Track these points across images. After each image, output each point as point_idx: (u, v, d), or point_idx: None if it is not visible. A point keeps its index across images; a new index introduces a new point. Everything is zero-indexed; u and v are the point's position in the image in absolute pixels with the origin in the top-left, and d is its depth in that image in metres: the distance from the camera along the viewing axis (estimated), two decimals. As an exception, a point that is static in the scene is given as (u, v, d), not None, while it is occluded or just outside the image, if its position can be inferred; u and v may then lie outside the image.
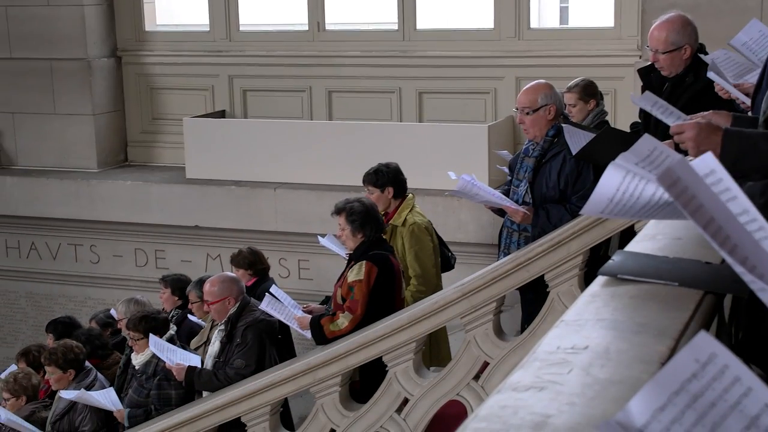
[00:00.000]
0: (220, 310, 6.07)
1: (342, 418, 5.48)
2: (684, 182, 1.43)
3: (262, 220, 9.40)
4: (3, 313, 10.92)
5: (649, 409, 1.24)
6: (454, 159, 8.32)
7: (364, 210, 5.70)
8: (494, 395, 1.78)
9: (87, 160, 10.49)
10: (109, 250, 10.24)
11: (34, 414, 6.62)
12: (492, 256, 7.35)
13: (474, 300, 5.22)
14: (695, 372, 1.25)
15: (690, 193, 1.43)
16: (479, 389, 5.24)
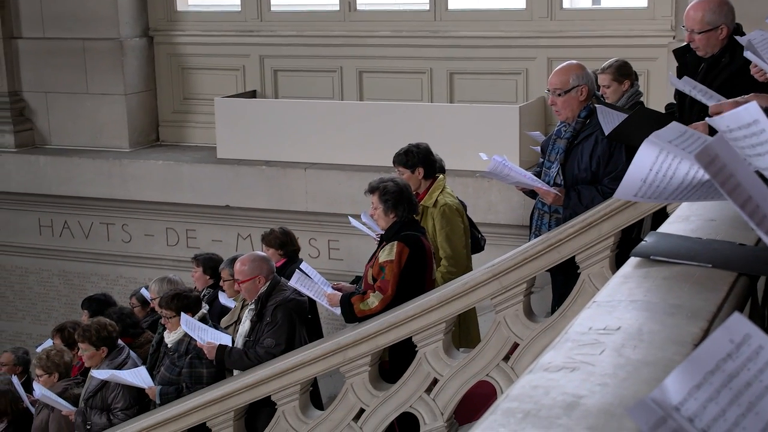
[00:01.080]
0: (251, 289, 6.09)
1: (371, 397, 5.50)
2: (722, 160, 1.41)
3: (292, 200, 9.42)
4: (37, 291, 11.03)
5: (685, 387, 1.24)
6: (485, 140, 8.30)
7: (397, 190, 5.68)
8: (526, 375, 1.78)
9: (119, 140, 10.56)
10: (141, 229, 10.31)
11: (67, 391, 6.69)
12: (522, 238, 7.33)
13: (504, 281, 5.21)
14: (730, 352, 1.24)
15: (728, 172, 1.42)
16: (509, 370, 5.23)
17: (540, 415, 1.60)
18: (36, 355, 7.15)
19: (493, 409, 1.66)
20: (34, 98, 10.90)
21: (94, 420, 6.33)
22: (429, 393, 5.39)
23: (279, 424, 5.71)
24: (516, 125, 8.58)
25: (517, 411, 1.63)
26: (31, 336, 10.80)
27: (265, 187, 9.53)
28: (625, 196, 1.87)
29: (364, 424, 5.52)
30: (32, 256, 10.93)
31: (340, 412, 5.58)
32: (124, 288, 10.00)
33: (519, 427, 1.57)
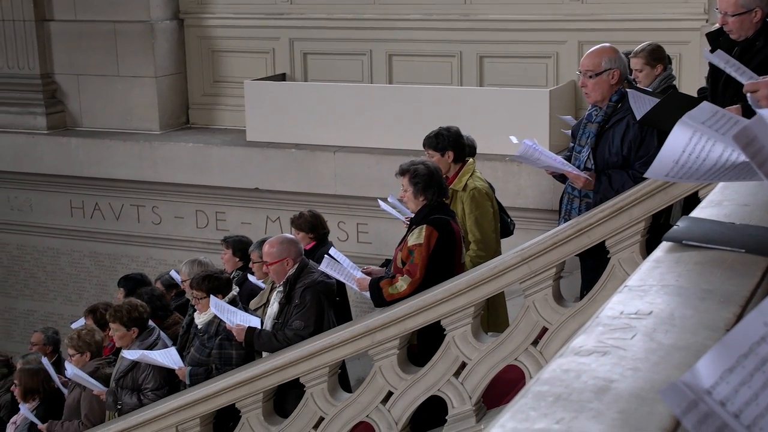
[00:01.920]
0: (279, 271, 6.11)
1: (400, 380, 5.51)
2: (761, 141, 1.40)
3: (321, 183, 9.44)
4: (68, 272, 11.13)
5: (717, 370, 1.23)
6: (515, 123, 8.26)
7: (428, 173, 5.67)
8: (556, 359, 1.78)
9: (149, 122, 10.61)
10: (171, 211, 10.37)
11: (98, 370, 6.75)
12: (551, 222, 7.30)
13: (534, 265, 5.20)
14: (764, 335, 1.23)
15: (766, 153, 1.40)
16: (538, 354, 5.23)
17: (571, 398, 1.60)
18: (67, 335, 7.21)
19: (523, 392, 1.65)
20: (65, 80, 10.97)
21: (125, 400, 6.39)
22: (457, 376, 5.40)
23: (307, 406, 5.74)
24: (546, 109, 8.54)
25: (548, 394, 1.62)
26: (63, 316, 10.91)
27: (294, 170, 9.55)
28: (657, 176, 1.85)
29: (392, 407, 5.53)
30: (64, 238, 11.03)
31: (369, 395, 5.60)
32: (154, 270, 10.07)
33: (550, 411, 1.56)
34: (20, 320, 11.53)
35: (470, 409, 5.36)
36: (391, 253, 6.23)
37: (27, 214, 11.11)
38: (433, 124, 6.73)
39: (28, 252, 11.30)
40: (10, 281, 11.51)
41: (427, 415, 5.63)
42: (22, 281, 11.44)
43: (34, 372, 7.08)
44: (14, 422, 7.20)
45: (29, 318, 11.42)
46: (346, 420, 5.67)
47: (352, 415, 5.65)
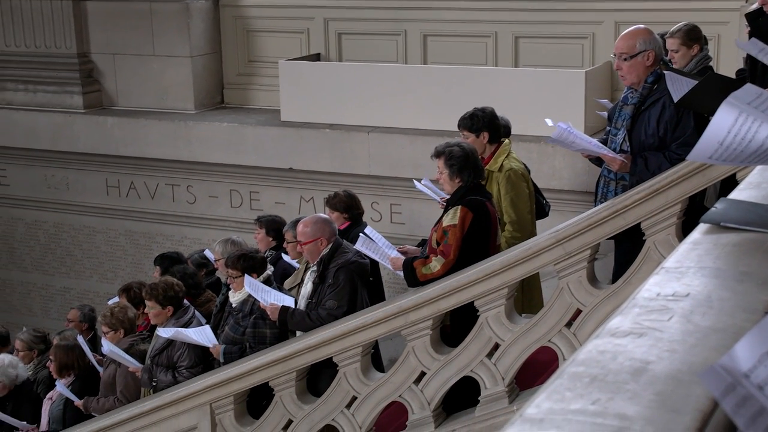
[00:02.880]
0: (313, 250, 6.13)
1: (432, 361, 5.52)
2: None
3: (355, 163, 9.44)
4: (104, 251, 11.23)
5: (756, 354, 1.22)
6: (550, 105, 8.22)
7: (463, 155, 5.65)
8: (592, 340, 1.77)
9: (184, 102, 10.65)
10: (205, 190, 10.42)
11: (132, 347, 6.81)
12: (586, 204, 7.26)
13: (568, 247, 5.18)
14: (804, 319, 1.22)
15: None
16: (571, 336, 5.21)
17: (607, 380, 1.59)
18: (101, 313, 7.28)
19: (559, 373, 1.65)
20: (102, 60, 11.04)
21: (160, 377, 6.45)
22: (490, 357, 5.40)
23: (340, 386, 5.77)
24: (582, 90, 8.48)
25: (584, 375, 1.62)
26: (98, 294, 11.02)
27: (328, 150, 9.56)
28: (700, 158, 1.83)
29: (425, 387, 5.54)
30: (99, 216, 11.12)
31: (401, 375, 5.62)
32: (188, 248, 10.12)
33: (586, 392, 1.56)
34: (57, 297, 11.67)
35: (503, 390, 5.36)
36: (424, 234, 6.24)
37: (63, 193, 11.22)
38: (467, 104, 6.70)
39: (65, 230, 11.42)
40: (47, 259, 11.64)
41: (459, 395, 5.64)
42: (58, 259, 11.56)
43: (69, 348, 7.15)
44: (50, 398, 7.29)
45: (66, 295, 11.54)
46: (378, 399, 5.69)
47: (385, 395, 5.68)
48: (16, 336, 8.14)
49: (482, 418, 5.41)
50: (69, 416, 7.00)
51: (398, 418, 6.08)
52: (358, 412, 5.73)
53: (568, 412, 1.51)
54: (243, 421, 6.12)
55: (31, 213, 11.55)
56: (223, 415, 6.11)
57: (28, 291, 11.89)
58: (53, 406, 7.18)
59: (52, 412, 7.15)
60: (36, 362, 7.92)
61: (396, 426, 6.05)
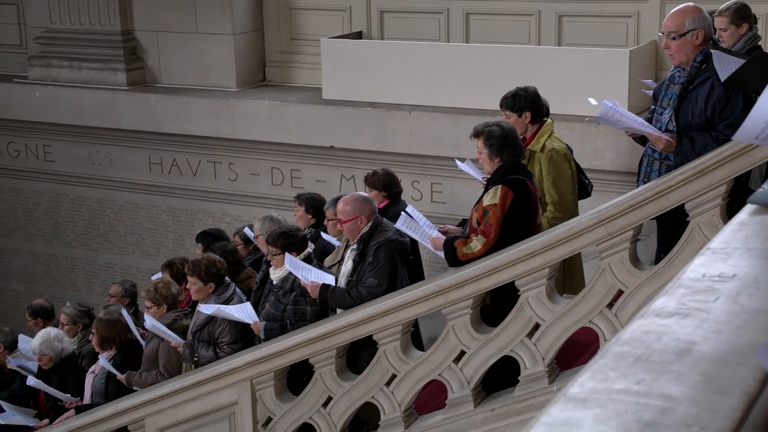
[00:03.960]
0: (353, 229, 6.14)
1: (472, 340, 5.51)
2: None
3: (396, 142, 9.43)
4: (146, 227, 11.33)
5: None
6: (593, 84, 8.15)
7: (502, 134, 5.62)
8: (637, 320, 1.76)
9: (226, 80, 10.69)
10: (247, 168, 10.47)
11: (175, 322, 6.87)
12: (629, 185, 7.20)
13: (611, 227, 5.14)
14: None
15: None
16: (612, 317, 5.18)
17: (651, 360, 1.58)
18: (144, 288, 7.35)
19: (603, 352, 1.64)
20: (145, 37, 11.10)
21: (201, 353, 6.51)
22: (530, 337, 5.39)
23: (380, 363, 5.78)
24: (626, 70, 8.39)
25: (628, 355, 1.61)
26: (141, 270, 11.13)
27: (369, 128, 9.55)
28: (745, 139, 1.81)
29: (465, 366, 5.55)
30: (142, 192, 11.22)
31: (441, 354, 5.62)
32: (229, 225, 10.18)
33: (630, 371, 1.55)
34: (100, 273, 11.80)
35: (543, 370, 5.35)
36: (465, 213, 6.22)
37: (107, 169, 11.32)
38: (509, 84, 6.66)
39: (108, 206, 11.53)
40: (90, 234, 11.77)
41: (499, 375, 5.63)
42: (102, 235, 11.69)
43: (111, 322, 7.23)
44: (93, 371, 7.38)
45: (109, 270, 11.67)
46: (418, 378, 5.70)
47: (425, 373, 5.68)
48: (61, 310, 8.25)
49: (522, 397, 5.41)
50: (111, 389, 7.09)
51: (437, 397, 6.10)
52: (398, 390, 5.74)
53: (612, 392, 1.50)
54: (283, 397, 6.16)
55: (76, 189, 11.68)
56: (263, 390, 6.15)
57: (73, 266, 12.04)
58: (96, 380, 7.27)
59: (95, 385, 7.25)
60: (80, 336, 8.03)
61: (435, 405, 6.07)
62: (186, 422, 6.43)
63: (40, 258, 12.25)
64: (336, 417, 5.95)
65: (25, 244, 12.31)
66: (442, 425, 5.64)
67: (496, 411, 5.47)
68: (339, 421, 5.94)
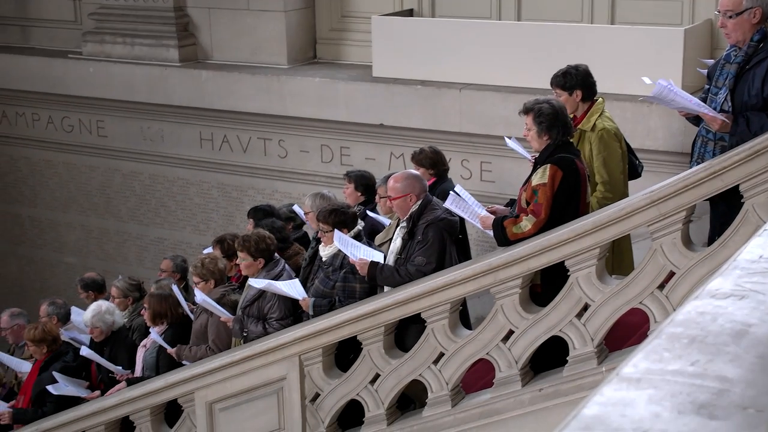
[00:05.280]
0: (402, 206, 6.14)
1: (521, 319, 5.50)
2: None
3: (446, 120, 9.40)
4: (196, 203, 11.43)
5: None
6: (647, 64, 8.05)
7: (552, 112, 5.58)
8: (691, 301, 1.75)
9: (277, 57, 10.71)
10: (297, 145, 10.51)
11: (224, 297, 6.93)
12: (681, 165, 7.13)
13: (663, 208, 5.09)
14: None
15: None
16: (663, 299, 5.14)
17: (707, 341, 1.57)
18: (192, 263, 7.42)
19: (656, 333, 1.63)
20: (197, 14, 11.15)
21: (251, 328, 6.56)
22: (579, 318, 5.36)
23: (428, 341, 5.79)
24: (680, 49, 8.28)
25: (683, 336, 1.60)
26: (191, 245, 11.24)
27: (419, 106, 9.53)
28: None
29: (513, 346, 5.54)
30: (193, 168, 11.31)
31: (489, 333, 5.62)
32: (279, 202, 10.21)
33: (684, 352, 1.54)
34: (151, 247, 11.93)
35: (592, 351, 5.33)
36: (514, 193, 6.19)
37: (159, 145, 11.43)
38: (561, 62, 6.61)
39: (159, 182, 11.64)
40: (142, 209, 11.90)
41: (547, 355, 5.62)
42: (153, 210, 11.81)
43: (163, 297, 7.31)
44: (144, 345, 7.47)
45: (159, 245, 11.80)
46: (466, 356, 5.71)
47: (472, 352, 5.69)
48: (112, 283, 8.35)
49: (570, 378, 5.39)
50: (162, 363, 7.18)
51: (485, 376, 6.10)
52: (445, 369, 5.76)
53: (666, 373, 1.49)
54: (331, 373, 6.20)
55: (128, 164, 11.81)
56: (311, 366, 6.20)
57: (124, 240, 12.19)
58: (147, 354, 7.36)
59: (146, 359, 7.34)
60: (131, 310, 8.12)
61: (482, 384, 6.08)
62: (235, 396, 6.51)
63: (93, 232, 12.42)
64: (383, 394, 5.98)
65: (78, 218, 12.49)
66: (489, 404, 5.64)
67: (544, 391, 5.46)
68: (386, 398, 5.97)
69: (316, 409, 6.23)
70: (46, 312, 8.55)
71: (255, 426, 6.47)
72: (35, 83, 12.03)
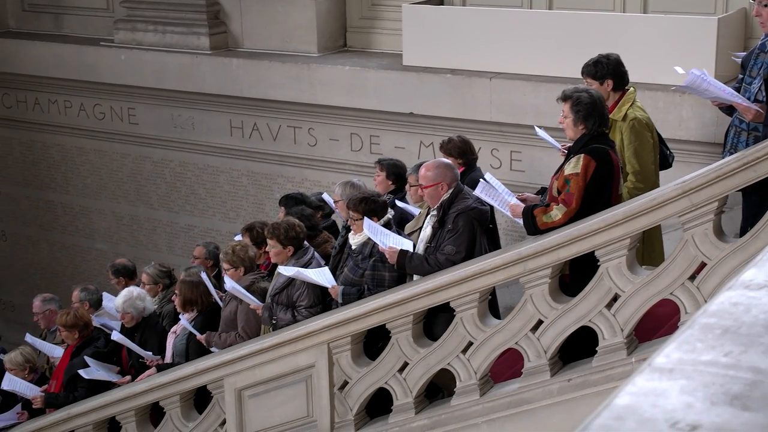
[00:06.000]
0: (433, 195, 6.13)
1: (550, 309, 5.49)
2: None
3: (476, 109, 9.38)
4: (226, 190, 11.48)
5: None
6: (679, 53, 7.98)
7: (591, 102, 5.54)
8: (725, 292, 1.74)
9: (308, 45, 10.72)
10: (326, 133, 10.52)
11: (253, 284, 6.96)
12: (713, 156, 7.08)
13: (695, 198, 5.05)
14: None
15: None
16: (695, 290, 5.10)
17: (740, 332, 1.56)
18: (222, 251, 7.45)
19: (689, 323, 1.63)
20: (228, 2, 11.18)
21: (280, 315, 6.59)
22: (609, 308, 5.34)
23: (456, 330, 5.79)
24: (713, 38, 8.20)
25: (716, 327, 1.59)
26: (220, 232, 11.30)
27: (449, 95, 9.51)
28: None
29: (542, 336, 5.53)
30: (223, 156, 11.35)
31: (518, 323, 5.61)
32: (308, 190, 10.22)
33: (717, 343, 1.53)
34: (181, 234, 12.00)
35: (621, 342, 5.31)
36: (544, 183, 6.17)
37: (189, 133, 11.48)
38: (593, 51, 6.57)
39: (189, 169, 11.70)
40: (172, 197, 11.96)
41: (576, 345, 5.60)
42: (183, 197, 11.87)
43: (193, 284, 7.34)
44: (174, 332, 7.52)
45: (189, 233, 11.87)
46: (494, 346, 5.70)
47: (501, 342, 5.68)
48: (143, 270, 8.41)
49: (599, 368, 5.37)
50: (192, 350, 7.23)
51: (513, 365, 6.10)
52: (474, 358, 5.76)
53: (699, 363, 1.49)
54: (359, 361, 6.22)
55: (158, 152, 11.88)
56: (340, 354, 6.22)
57: (154, 227, 12.27)
58: (177, 340, 7.41)
59: (176, 345, 7.39)
60: (161, 296, 8.18)
61: (511, 373, 6.07)
62: (264, 383, 6.55)
63: (123, 219, 12.51)
64: (412, 382, 5.99)
65: (109, 204, 12.58)
66: (517, 394, 5.64)
67: (573, 381, 5.45)
68: (415, 386, 5.98)
69: (345, 397, 6.25)
70: (78, 298, 8.63)
71: (284, 413, 6.50)
72: (67, 71, 12.11)
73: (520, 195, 5.93)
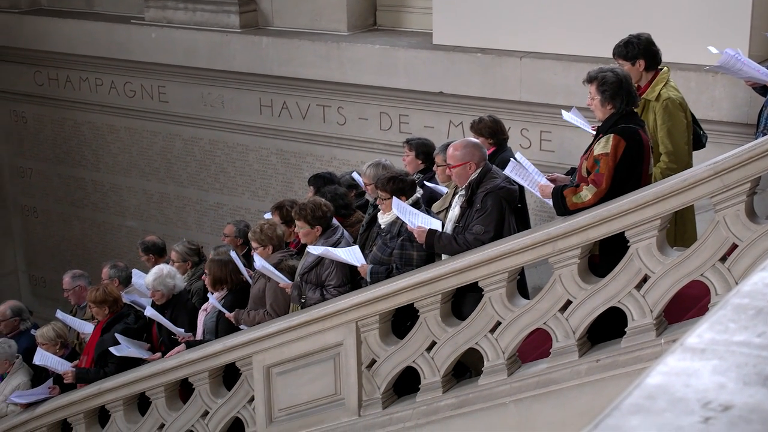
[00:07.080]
0: (461, 174, 6.11)
1: (579, 290, 5.47)
2: None
3: (506, 88, 9.33)
4: (256, 168, 11.51)
5: None
6: (712, 31, 7.89)
7: (617, 81, 5.51)
8: (758, 272, 1.72)
9: (338, 23, 10.70)
10: (356, 112, 10.50)
11: (282, 262, 6.99)
12: (746, 137, 7.01)
13: (727, 179, 5.01)
14: None
15: None
16: (725, 271, 5.06)
17: (774, 313, 1.55)
18: (251, 229, 7.48)
19: (722, 304, 1.62)
20: (258, -20, 11.18)
21: (309, 294, 6.61)
22: (639, 289, 5.31)
23: (485, 310, 5.79)
24: (747, 17, 8.09)
25: (749, 307, 1.58)
26: (249, 211, 11.34)
27: (479, 74, 9.46)
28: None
29: (570, 316, 5.52)
30: (252, 134, 11.38)
31: (547, 303, 5.60)
32: (337, 169, 10.25)
33: (750, 324, 1.52)
34: (210, 212, 12.06)
35: (651, 323, 5.28)
36: (574, 163, 6.14)
37: (219, 111, 11.51)
38: (624, 31, 6.51)
39: (219, 147, 11.74)
40: (201, 175, 12.01)
41: (604, 326, 5.58)
42: (212, 175, 11.92)
43: (223, 263, 7.38)
44: (205, 309, 7.56)
45: (219, 211, 11.92)
46: (523, 326, 5.70)
47: (529, 322, 5.68)
48: (172, 247, 8.46)
49: (628, 349, 5.36)
50: (221, 328, 7.27)
51: (541, 346, 6.09)
52: (502, 338, 5.76)
53: (732, 344, 1.48)
54: (387, 340, 6.23)
55: (188, 130, 11.92)
56: (368, 333, 6.23)
57: (184, 205, 12.33)
58: (207, 318, 7.46)
59: (206, 323, 7.43)
60: (190, 274, 8.23)
61: (539, 353, 6.06)
62: (292, 361, 6.58)
63: (153, 196, 12.59)
64: (439, 362, 6.00)
65: (139, 182, 12.66)
66: (545, 374, 5.63)
67: (602, 362, 5.44)
68: (442, 365, 5.99)
69: (372, 375, 6.27)
70: (108, 275, 8.69)
71: (312, 390, 6.54)
72: (98, 48, 12.17)
73: (550, 175, 5.90)
